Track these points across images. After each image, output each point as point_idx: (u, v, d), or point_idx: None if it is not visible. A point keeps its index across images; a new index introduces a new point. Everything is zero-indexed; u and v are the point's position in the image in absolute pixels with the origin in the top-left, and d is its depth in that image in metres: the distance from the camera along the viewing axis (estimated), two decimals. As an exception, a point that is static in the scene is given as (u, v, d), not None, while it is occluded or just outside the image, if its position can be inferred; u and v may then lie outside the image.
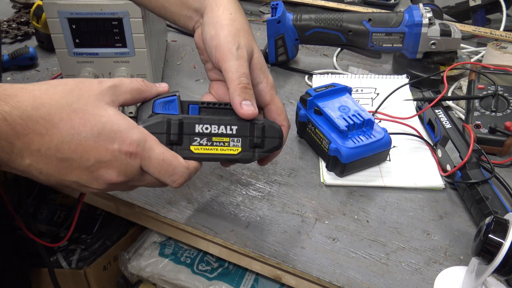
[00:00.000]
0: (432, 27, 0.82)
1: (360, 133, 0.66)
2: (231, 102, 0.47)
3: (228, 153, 0.47)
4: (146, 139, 0.42)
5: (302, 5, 1.14)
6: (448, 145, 0.66)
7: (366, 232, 0.60)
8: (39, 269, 1.03)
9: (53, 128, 0.38)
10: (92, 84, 0.41)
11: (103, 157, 0.40)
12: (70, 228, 0.58)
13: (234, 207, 0.63)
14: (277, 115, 0.52)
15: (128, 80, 0.44)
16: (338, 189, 0.66)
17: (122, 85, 0.43)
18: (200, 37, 0.54)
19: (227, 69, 0.48)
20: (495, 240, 0.45)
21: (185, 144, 0.46)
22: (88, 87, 0.40)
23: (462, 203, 0.64)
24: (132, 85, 0.44)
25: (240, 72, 0.48)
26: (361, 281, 0.54)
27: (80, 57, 0.73)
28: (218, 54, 0.49)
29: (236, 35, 0.50)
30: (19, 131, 0.37)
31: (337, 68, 0.93)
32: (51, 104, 0.37)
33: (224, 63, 0.48)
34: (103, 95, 0.41)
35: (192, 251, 0.94)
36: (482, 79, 0.78)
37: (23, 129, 0.37)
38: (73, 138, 0.38)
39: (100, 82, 0.42)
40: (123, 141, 0.40)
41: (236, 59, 0.48)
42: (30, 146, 0.37)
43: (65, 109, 0.38)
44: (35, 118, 0.37)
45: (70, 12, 0.69)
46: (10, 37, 1.04)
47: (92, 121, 0.39)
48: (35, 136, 0.37)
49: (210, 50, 0.50)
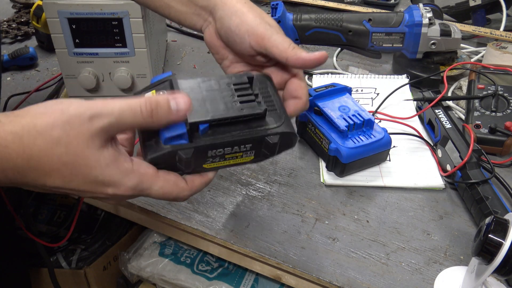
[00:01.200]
0: (432, 27, 0.82)
1: (360, 133, 0.66)
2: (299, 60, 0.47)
3: (240, 162, 0.46)
4: (143, 180, 0.40)
5: (302, 5, 1.14)
6: (448, 145, 0.66)
7: (366, 232, 0.60)
8: (39, 269, 1.03)
9: (45, 176, 0.37)
10: (82, 126, 0.36)
11: (99, 195, 0.40)
12: (70, 228, 0.58)
13: (234, 207, 0.63)
14: (300, 88, 0.51)
15: (131, 114, 0.38)
16: (338, 189, 0.66)
17: (120, 122, 0.38)
18: (214, 35, 0.53)
19: (274, 44, 0.48)
20: (495, 240, 0.45)
21: (198, 165, 0.43)
22: (77, 132, 0.36)
23: (462, 203, 0.64)
24: (135, 120, 0.38)
25: (288, 41, 0.48)
26: (361, 281, 0.54)
27: (80, 57, 0.73)
28: (255, 37, 0.49)
29: (262, 17, 0.50)
30: (11, 177, 0.37)
31: (337, 68, 0.93)
32: (40, 157, 0.36)
33: (268, 41, 0.48)
34: (94, 139, 0.37)
35: (192, 251, 0.94)
36: (482, 79, 0.78)
37: (15, 177, 0.37)
38: (66, 184, 0.38)
39: (91, 121, 0.36)
40: (117, 188, 0.39)
41: (277, 33, 0.49)
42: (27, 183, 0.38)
43: (55, 163, 0.37)
44: (27, 169, 0.37)
45: (70, 12, 0.69)
46: (10, 37, 1.04)
47: (83, 173, 0.38)
48: (29, 181, 0.38)
49: (241, 38, 0.50)
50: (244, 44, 0.50)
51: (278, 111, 0.46)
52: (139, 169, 0.40)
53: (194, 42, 1.03)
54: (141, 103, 0.38)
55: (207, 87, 0.45)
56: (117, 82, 0.75)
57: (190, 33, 1.06)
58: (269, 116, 0.45)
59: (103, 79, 0.75)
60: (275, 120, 0.45)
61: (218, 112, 0.42)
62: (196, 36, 1.05)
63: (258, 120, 0.44)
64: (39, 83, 0.88)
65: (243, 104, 0.44)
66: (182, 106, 0.39)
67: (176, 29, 1.08)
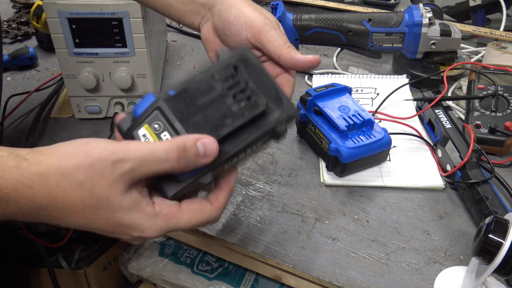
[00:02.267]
0: (432, 27, 0.82)
1: (360, 133, 0.66)
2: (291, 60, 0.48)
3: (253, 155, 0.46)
4: (167, 220, 0.40)
5: (302, 5, 1.14)
6: (448, 145, 0.66)
7: (366, 232, 0.60)
8: (39, 269, 1.03)
9: (69, 217, 0.38)
10: (105, 171, 0.36)
11: (124, 237, 0.40)
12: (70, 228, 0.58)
13: (234, 207, 0.63)
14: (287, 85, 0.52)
15: (154, 159, 0.37)
16: (338, 189, 0.66)
17: (142, 168, 0.37)
18: (210, 31, 0.54)
19: (270, 39, 0.48)
20: (495, 240, 0.45)
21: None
22: (100, 176, 0.36)
23: (462, 203, 0.64)
24: (158, 165, 0.37)
25: (284, 39, 0.48)
26: (361, 281, 0.54)
27: (80, 57, 0.73)
28: (252, 29, 0.49)
29: (261, 12, 0.50)
30: (34, 215, 0.38)
31: (337, 68, 0.93)
32: (64, 198, 0.37)
33: (264, 35, 0.48)
34: (116, 184, 0.37)
35: (192, 251, 0.94)
36: (482, 79, 0.78)
37: (38, 215, 0.38)
38: (90, 225, 0.39)
39: (114, 166, 0.36)
40: (142, 232, 0.39)
41: (274, 29, 0.49)
42: (49, 221, 0.39)
43: (78, 205, 0.37)
44: (51, 209, 0.37)
45: (70, 12, 0.69)
46: (10, 37, 1.04)
47: (106, 216, 0.38)
48: (52, 220, 0.39)
49: (239, 29, 0.50)
50: (240, 35, 0.50)
51: (274, 92, 0.44)
52: (161, 211, 0.39)
53: (194, 42, 1.03)
54: (166, 149, 0.37)
55: (198, 94, 0.42)
56: (117, 82, 0.75)
57: (190, 33, 1.06)
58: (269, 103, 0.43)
59: (103, 79, 0.75)
60: (276, 106, 0.43)
61: (222, 126, 0.41)
62: (196, 36, 1.05)
63: (261, 115, 0.43)
64: (39, 83, 0.88)
65: (242, 105, 0.42)
66: (210, 152, 0.38)
67: (176, 29, 1.08)
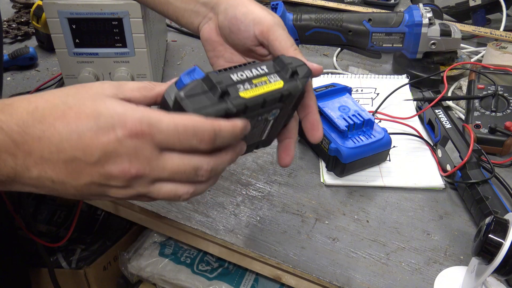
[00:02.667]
0: (432, 27, 0.82)
1: (360, 133, 0.66)
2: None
3: (274, 88, 0.42)
4: (150, 115, 0.36)
5: (302, 5, 1.14)
6: (448, 145, 0.66)
7: (366, 232, 0.60)
8: (39, 269, 1.03)
9: (50, 129, 0.36)
10: (94, 83, 0.39)
11: (107, 148, 0.36)
12: (70, 228, 0.58)
13: (234, 207, 0.63)
14: None
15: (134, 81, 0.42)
16: (338, 189, 0.66)
17: (128, 83, 0.40)
18: (213, 30, 0.53)
19: (278, 38, 0.48)
20: (495, 240, 0.45)
21: (234, 93, 0.40)
22: (89, 86, 0.38)
23: (462, 203, 0.64)
24: (139, 84, 0.41)
25: (291, 40, 0.48)
26: (361, 281, 0.54)
27: (80, 57, 0.73)
28: (260, 27, 0.49)
29: (267, 10, 0.50)
30: (18, 140, 0.35)
31: (337, 68, 0.93)
32: (45, 106, 0.36)
33: (273, 33, 0.48)
34: (104, 89, 0.38)
35: (192, 251, 0.94)
36: (482, 79, 0.78)
37: (21, 136, 0.35)
38: (71, 134, 0.36)
39: (103, 82, 0.39)
40: (123, 124, 0.36)
41: (282, 29, 0.49)
42: (32, 154, 0.36)
43: (60, 107, 0.36)
44: (31, 122, 0.35)
45: (70, 12, 0.69)
46: (10, 37, 1.04)
47: (87, 112, 0.36)
48: (34, 142, 0.36)
49: (247, 26, 0.50)
50: (248, 32, 0.50)
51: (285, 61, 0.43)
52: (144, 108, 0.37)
53: (194, 42, 1.03)
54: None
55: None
56: (117, 82, 0.75)
57: (190, 33, 1.06)
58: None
59: (103, 79, 0.75)
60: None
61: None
62: (196, 36, 1.04)
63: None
64: (39, 83, 0.88)
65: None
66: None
67: (176, 29, 1.08)
